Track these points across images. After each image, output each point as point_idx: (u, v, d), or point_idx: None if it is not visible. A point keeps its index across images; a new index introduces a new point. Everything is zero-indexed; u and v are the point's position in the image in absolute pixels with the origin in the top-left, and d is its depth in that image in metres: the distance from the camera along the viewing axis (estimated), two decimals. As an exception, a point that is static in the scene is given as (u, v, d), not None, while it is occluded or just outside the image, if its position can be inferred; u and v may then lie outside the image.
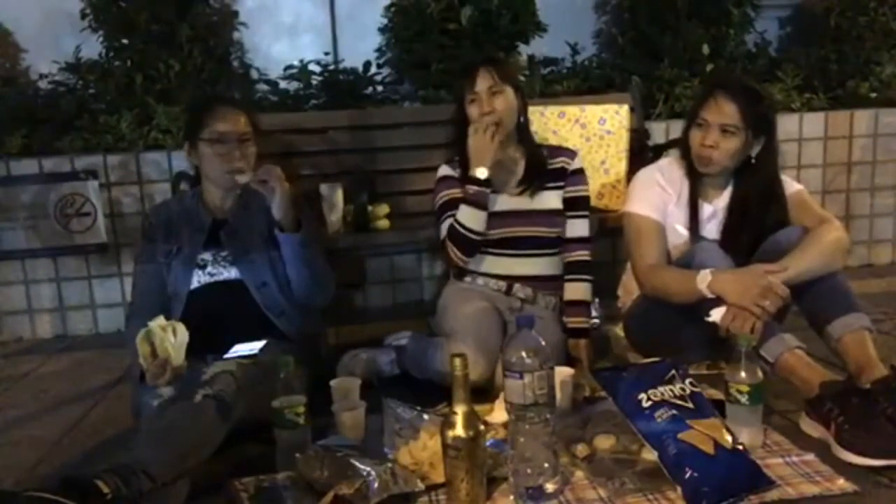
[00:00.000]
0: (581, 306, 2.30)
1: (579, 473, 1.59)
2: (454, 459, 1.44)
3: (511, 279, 2.30)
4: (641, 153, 2.90)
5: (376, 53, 3.59)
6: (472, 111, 2.24)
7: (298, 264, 2.09)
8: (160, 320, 1.73)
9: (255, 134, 2.16)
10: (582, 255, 2.32)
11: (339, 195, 2.68)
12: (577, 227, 2.33)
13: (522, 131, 2.33)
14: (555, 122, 2.85)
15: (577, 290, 2.31)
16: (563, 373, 1.90)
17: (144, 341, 1.70)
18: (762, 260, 1.95)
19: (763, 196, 2.09)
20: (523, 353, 1.46)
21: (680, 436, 1.49)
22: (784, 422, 1.82)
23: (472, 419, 1.44)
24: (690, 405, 1.57)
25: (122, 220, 3.17)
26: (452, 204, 2.28)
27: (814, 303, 1.94)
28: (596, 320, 2.65)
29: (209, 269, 2.11)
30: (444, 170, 2.37)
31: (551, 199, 2.32)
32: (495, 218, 2.29)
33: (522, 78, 3.35)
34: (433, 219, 2.39)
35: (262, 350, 1.85)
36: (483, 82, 2.22)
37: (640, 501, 1.48)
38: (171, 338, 1.71)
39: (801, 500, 1.47)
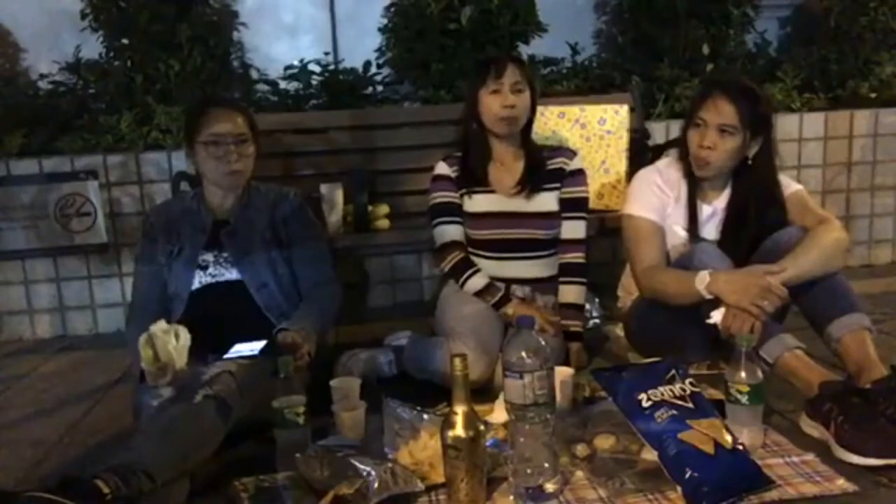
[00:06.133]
0: (574, 309, 2.30)
1: (579, 473, 1.59)
2: (454, 459, 1.44)
3: (509, 280, 2.31)
4: (641, 153, 2.90)
5: (376, 53, 3.59)
6: (492, 102, 2.23)
7: None
8: (161, 324, 1.72)
9: (253, 134, 2.16)
10: (576, 257, 2.32)
11: (339, 195, 2.68)
12: (573, 229, 2.33)
13: (525, 133, 2.34)
14: (555, 122, 2.85)
15: (570, 292, 2.31)
16: (563, 373, 1.90)
17: (147, 345, 1.70)
18: (762, 260, 1.95)
19: (761, 196, 2.09)
20: (523, 353, 1.46)
21: (680, 436, 1.49)
22: (784, 422, 1.82)
23: (472, 419, 1.44)
24: (690, 405, 1.57)
25: (122, 220, 3.17)
26: (445, 208, 2.32)
27: (814, 303, 1.93)
28: (596, 320, 2.66)
29: (211, 269, 2.11)
30: (442, 167, 2.37)
31: (547, 201, 2.31)
32: (490, 218, 2.30)
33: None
34: (428, 216, 2.40)
35: (262, 350, 1.85)
36: (510, 76, 2.22)
37: (640, 501, 1.48)
38: (174, 341, 1.70)
39: (801, 500, 1.47)
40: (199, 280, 2.10)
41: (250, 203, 2.20)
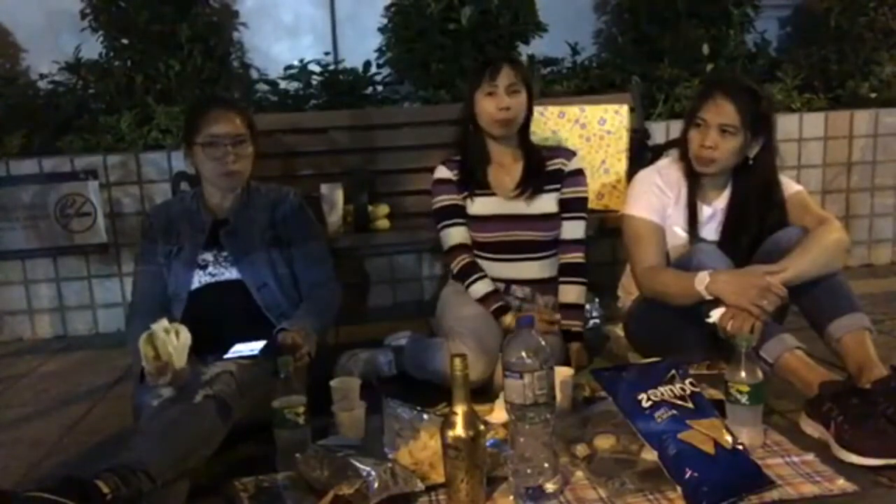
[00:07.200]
0: (574, 309, 2.30)
1: (579, 473, 1.59)
2: (454, 459, 1.44)
3: (509, 281, 2.31)
4: (641, 153, 2.90)
5: (376, 53, 3.59)
6: (488, 104, 2.23)
7: None
8: (163, 322, 1.72)
9: (252, 134, 2.16)
10: (576, 257, 2.32)
11: (339, 195, 2.68)
12: (573, 229, 2.33)
13: (523, 133, 2.34)
14: (555, 122, 2.85)
15: (570, 292, 2.31)
16: (563, 373, 1.90)
17: (147, 343, 1.70)
18: (762, 261, 1.96)
19: (762, 197, 2.09)
20: (523, 353, 1.46)
21: (680, 436, 1.50)
22: (784, 422, 1.82)
23: (472, 419, 1.44)
24: (690, 405, 1.57)
25: (122, 220, 3.17)
26: (450, 211, 2.32)
27: (814, 303, 1.94)
28: (596, 320, 2.66)
29: (210, 269, 2.11)
30: (442, 171, 2.37)
31: (547, 203, 2.31)
32: (491, 221, 2.30)
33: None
34: (433, 220, 2.39)
35: (262, 350, 1.85)
36: (505, 78, 2.22)
37: (640, 501, 1.48)
38: (174, 340, 1.70)
39: (801, 500, 1.47)
40: (198, 279, 2.10)
41: (250, 203, 2.20)
